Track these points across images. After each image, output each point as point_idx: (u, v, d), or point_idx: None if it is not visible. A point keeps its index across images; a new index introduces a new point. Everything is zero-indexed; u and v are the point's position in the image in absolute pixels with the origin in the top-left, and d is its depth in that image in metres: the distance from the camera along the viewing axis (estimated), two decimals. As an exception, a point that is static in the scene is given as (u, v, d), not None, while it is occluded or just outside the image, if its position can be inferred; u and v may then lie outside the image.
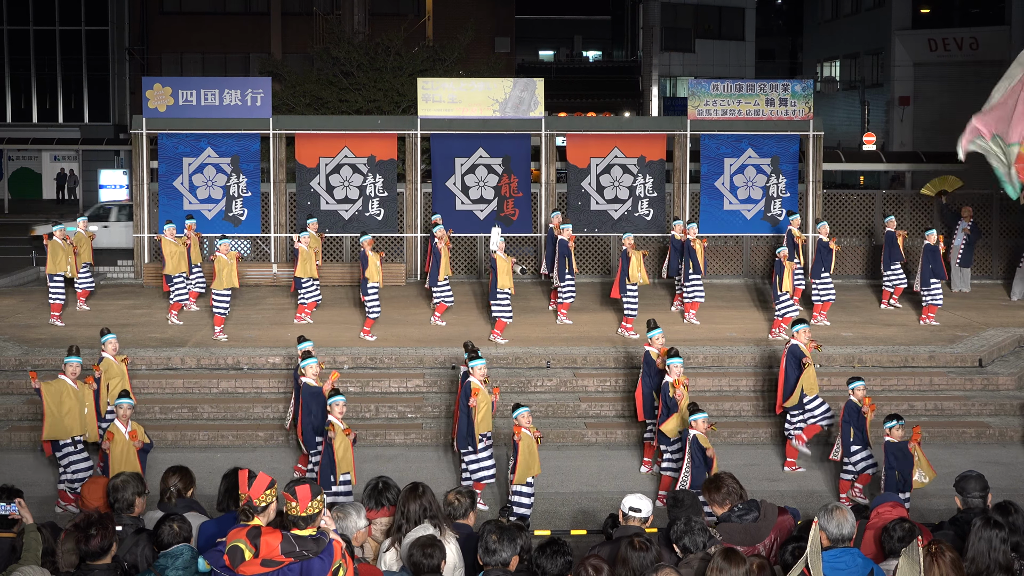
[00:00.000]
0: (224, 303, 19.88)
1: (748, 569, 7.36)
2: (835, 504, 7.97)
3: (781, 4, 72.99)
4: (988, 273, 26.20)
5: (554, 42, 69.83)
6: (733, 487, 9.41)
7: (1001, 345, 19.74)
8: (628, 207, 25.51)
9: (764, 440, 17.00)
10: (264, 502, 7.21)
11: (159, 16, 50.90)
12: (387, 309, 21.34)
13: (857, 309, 22.64)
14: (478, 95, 25.59)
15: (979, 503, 9.38)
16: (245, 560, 6.74)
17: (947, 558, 7.28)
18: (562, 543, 7.69)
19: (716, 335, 20.21)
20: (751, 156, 25.65)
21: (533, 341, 19.74)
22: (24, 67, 51.75)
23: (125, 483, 9.04)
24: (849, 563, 7.68)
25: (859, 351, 19.17)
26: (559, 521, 13.97)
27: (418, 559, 7.70)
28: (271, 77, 27.39)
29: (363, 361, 18.63)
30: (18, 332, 20.24)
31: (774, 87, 25.92)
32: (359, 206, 25.32)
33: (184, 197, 25.08)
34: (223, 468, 9.44)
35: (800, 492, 15.02)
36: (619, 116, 49.49)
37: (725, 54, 55.39)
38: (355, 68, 31.72)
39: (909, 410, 17.12)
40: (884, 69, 50.93)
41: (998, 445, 16.93)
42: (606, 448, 16.80)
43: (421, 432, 16.90)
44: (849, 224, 26.62)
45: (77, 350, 14.96)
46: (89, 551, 7.63)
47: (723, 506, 9.33)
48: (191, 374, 18.41)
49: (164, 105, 25.19)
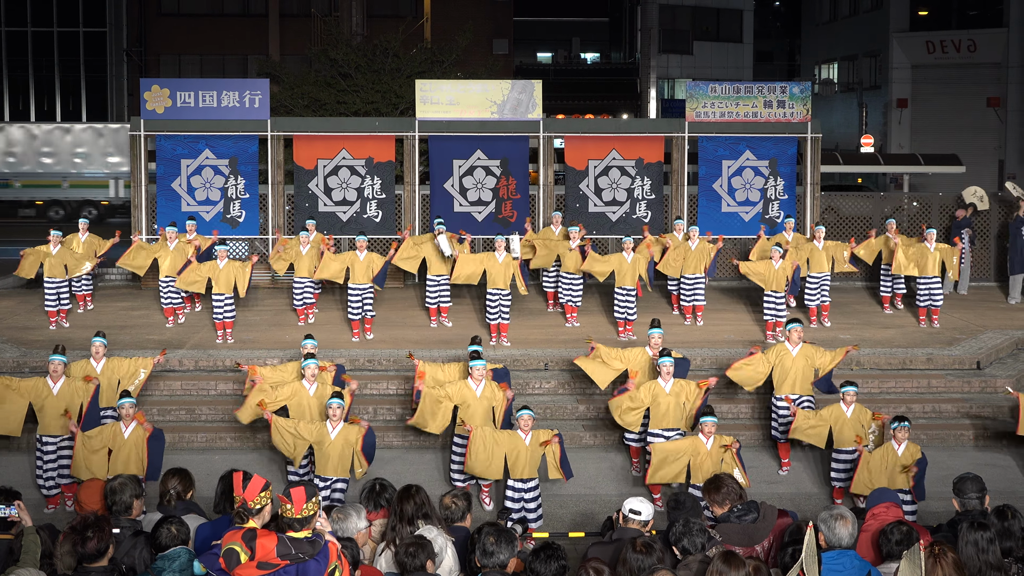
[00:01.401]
0: (219, 307, 19.85)
1: (747, 572, 7.36)
2: (839, 511, 7.95)
3: (779, 6, 73.06)
4: (986, 275, 26.20)
5: (552, 44, 69.85)
6: (733, 487, 9.43)
7: (999, 348, 19.75)
8: (626, 209, 25.50)
9: (761, 442, 17.00)
10: (259, 504, 7.21)
11: (157, 18, 50.89)
12: (385, 311, 21.35)
13: (855, 311, 22.64)
14: (476, 97, 25.58)
15: (977, 505, 9.39)
16: (241, 563, 6.74)
17: (949, 559, 7.30)
18: (556, 547, 7.69)
19: (714, 337, 20.21)
20: (749, 158, 25.64)
21: (531, 343, 19.74)
22: (22, 68, 51.75)
23: (123, 485, 9.04)
24: (847, 565, 7.69)
25: (857, 353, 19.16)
26: (557, 523, 13.97)
27: (401, 559, 7.73)
28: (269, 79, 27.35)
29: (361, 363, 18.63)
30: (16, 334, 20.22)
31: (772, 89, 25.92)
32: (357, 208, 25.30)
33: (182, 199, 25.05)
34: (221, 470, 9.45)
35: (798, 494, 15.03)
36: (617, 118, 49.51)
37: (723, 56, 55.43)
38: (353, 70, 31.72)
39: (907, 412, 17.07)
40: (882, 71, 51.01)
41: (996, 448, 16.93)
42: (604, 450, 16.80)
43: (419, 435, 16.88)
44: (848, 226, 26.63)
45: (62, 349, 14.99)
46: (86, 553, 7.63)
47: (723, 506, 9.35)
48: (189, 376, 18.40)
49: (162, 107, 25.16)
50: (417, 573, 7.71)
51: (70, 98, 52.07)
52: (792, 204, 25.56)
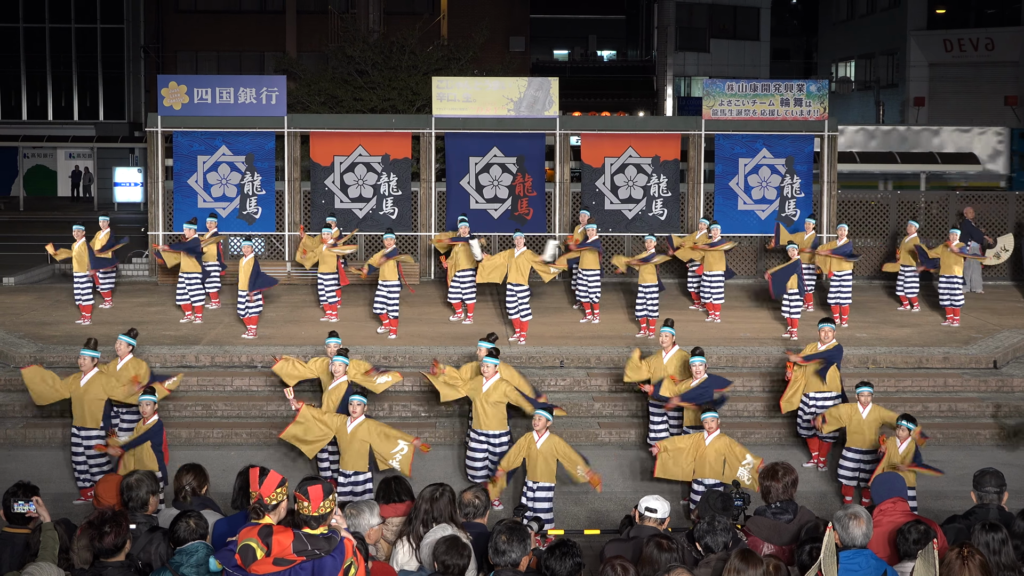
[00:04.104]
0: (242, 303, 19.93)
1: (765, 570, 7.34)
2: (854, 511, 7.92)
3: (796, 4, 72.81)
4: (1002, 274, 26.10)
5: (569, 41, 69.77)
6: (787, 482, 9.41)
7: (1016, 347, 19.67)
8: (642, 207, 25.48)
9: (777, 440, 16.96)
10: (275, 500, 7.21)
11: (174, 14, 51.03)
12: (401, 308, 21.34)
13: (872, 310, 22.59)
14: (493, 94, 25.58)
15: (994, 500, 9.34)
16: (257, 559, 6.74)
17: (976, 561, 7.28)
18: (571, 544, 7.65)
19: (730, 335, 20.18)
20: (766, 156, 25.59)
21: (547, 340, 19.73)
22: (40, 65, 51.96)
23: (139, 481, 9.04)
24: (863, 564, 7.66)
25: (873, 352, 19.12)
26: (572, 521, 13.95)
27: (442, 557, 7.64)
28: (286, 75, 27.42)
29: (377, 359, 18.62)
30: (33, 329, 20.29)
31: (789, 87, 25.87)
32: (373, 205, 25.33)
33: (199, 195, 25.12)
34: (237, 466, 9.46)
35: (813, 493, 14.99)
36: (633, 116, 49.42)
37: (740, 54, 55.27)
38: (370, 67, 31.76)
39: (923, 411, 17.07)
40: (899, 69, 50.81)
41: (1013, 447, 16.86)
42: (619, 448, 16.78)
43: (435, 431, 16.89)
44: (865, 225, 26.58)
45: (94, 344, 15.00)
46: (103, 548, 7.64)
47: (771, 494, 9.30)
48: (205, 372, 18.44)
49: (179, 103, 25.23)
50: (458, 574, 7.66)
51: (87, 94, 52.23)
52: (808, 202, 25.51)
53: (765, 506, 9.32)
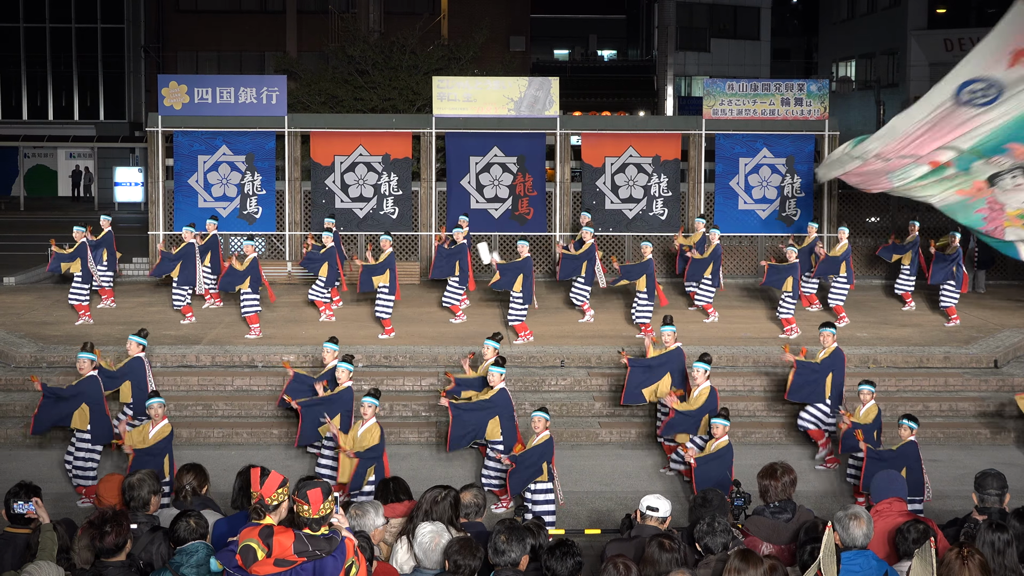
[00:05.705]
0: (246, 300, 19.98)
1: (764, 570, 7.33)
2: (854, 511, 7.91)
3: (796, 4, 72.75)
4: (1003, 274, 26.09)
5: (569, 41, 69.74)
6: (786, 482, 9.41)
7: (1017, 346, 19.66)
8: (643, 206, 25.47)
9: (778, 440, 16.96)
10: (276, 501, 7.20)
11: (175, 14, 51.03)
12: (402, 307, 21.34)
13: (872, 309, 22.58)
14: (493, 94, 25.57)
15: (996, 502, 9.32)
16: (258, 560, 6.73)
17: (976, 561, 7.27)
18: (571, 544, 7.65)
19: (730, 335, 20.17)
20: (766, 156, 25.59)
21: (547, 340, 19.72)
22: (40, 64, 51.95)
23: (141, 481, 9.05)
24: (864, 565, 7.66)
25: (874, 351, 19.11)
26: (572, 520, 13.94)
27: (454, 557, 7.59)
28: (286, 75, 27.40)
29: (377, 359, 18.64)
30: (33, 329, 20.29)
31: (789, 87, 25.85)
32: (374, 204, 25.33)
33: (199, 195, 25.11)
34: (237, 466, 9.45)
35: (815, 493, 14.98)
36: (634, 115, 49.38)
37: (740, 54, 55.23)
38: (370, 66, 31.76)
39: (924, 411, 17.08)
40: (900, 69, 50.78)
41: (1014, 446, 16.87)
42: (620, 447, 16.78)
43: (435, 431, 16.88)
44: (865, 225, 26.57)
45: (90, 347, 15.01)
46: (104, 548, 7.64)
47: (770, 493, 9.30)
48: (206, 371, 18.44)
49: (180, 103, 25.23)
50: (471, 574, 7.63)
51: (88, 94, 52.22)
52: (809, 202, 25.51)
53: (764, 506, 9.31)
